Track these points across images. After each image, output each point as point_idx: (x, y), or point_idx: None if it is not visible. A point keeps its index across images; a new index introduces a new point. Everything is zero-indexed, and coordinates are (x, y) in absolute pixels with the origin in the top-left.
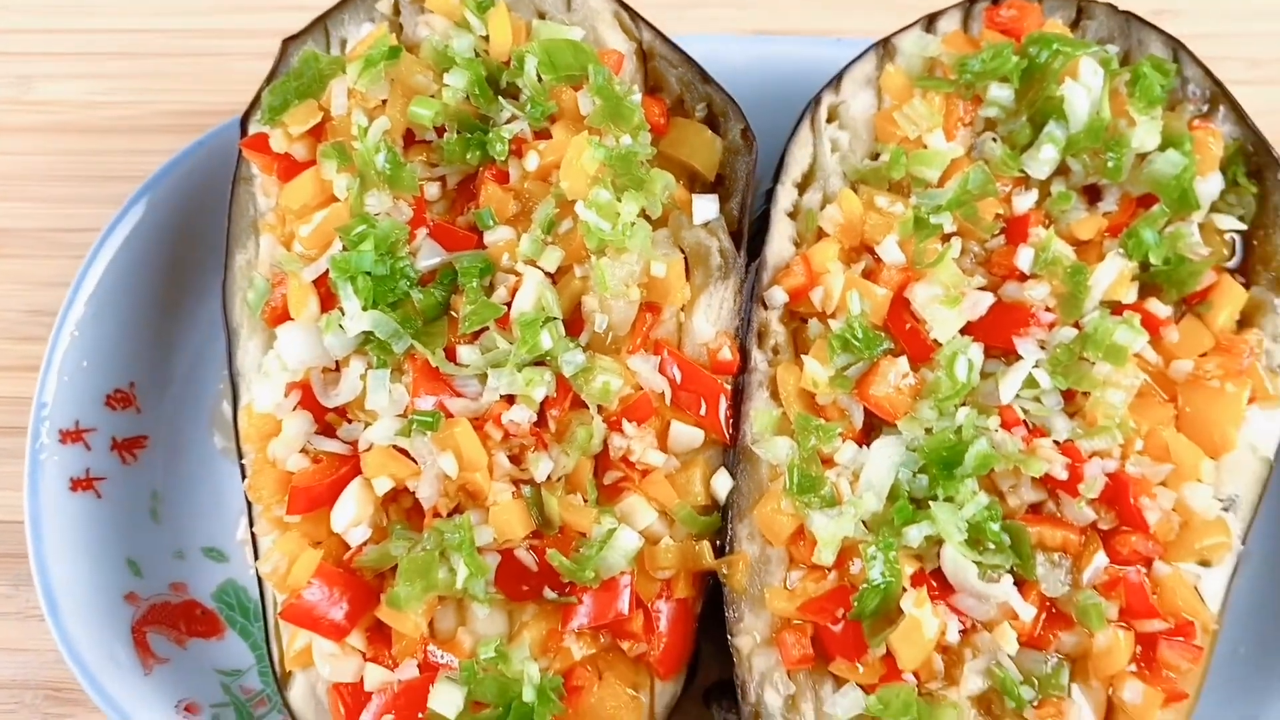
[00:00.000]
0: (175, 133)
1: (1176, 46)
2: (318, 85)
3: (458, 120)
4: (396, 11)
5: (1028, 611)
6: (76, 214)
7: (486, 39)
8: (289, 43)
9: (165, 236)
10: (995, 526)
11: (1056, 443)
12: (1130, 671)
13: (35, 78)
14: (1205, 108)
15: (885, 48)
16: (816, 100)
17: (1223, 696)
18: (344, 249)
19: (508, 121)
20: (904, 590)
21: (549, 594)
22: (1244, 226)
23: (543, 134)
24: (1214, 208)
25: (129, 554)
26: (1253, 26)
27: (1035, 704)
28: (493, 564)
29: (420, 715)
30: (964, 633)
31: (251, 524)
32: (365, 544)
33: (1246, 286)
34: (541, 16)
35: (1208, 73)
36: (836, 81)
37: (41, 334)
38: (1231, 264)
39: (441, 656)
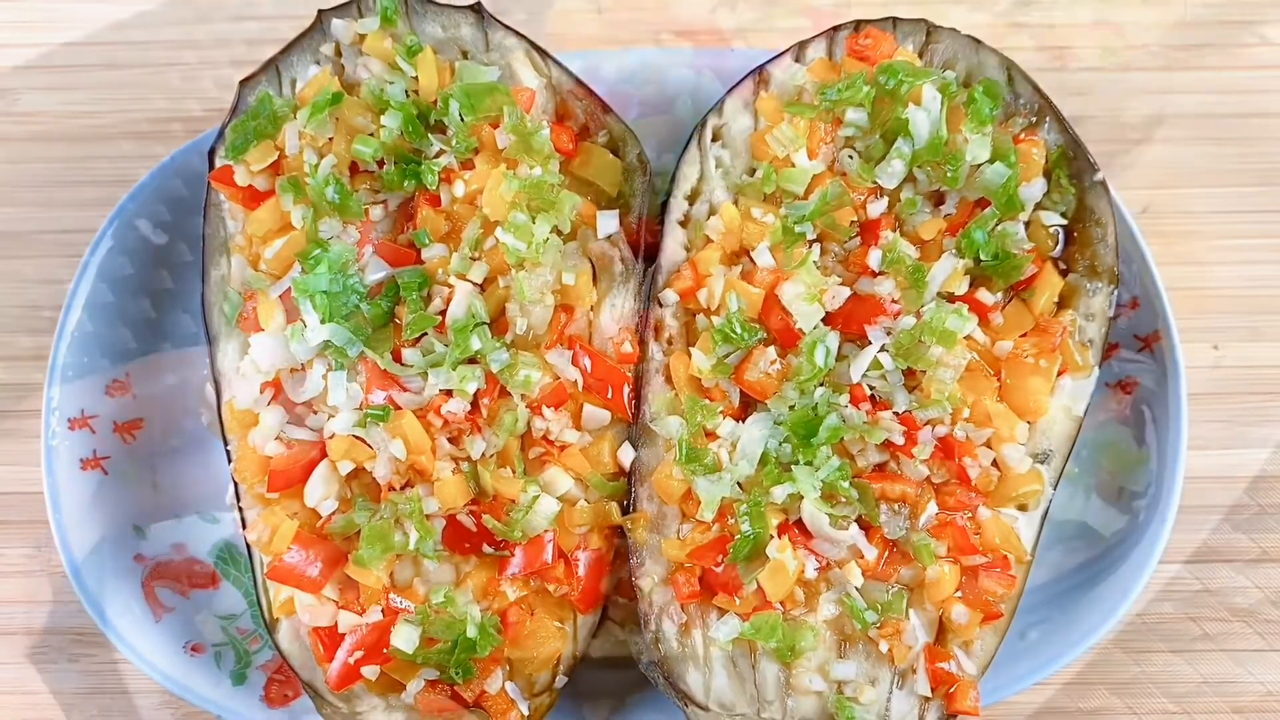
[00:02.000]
0: (150, 139)
1: (1010, 67)
2: (272, 127)
3: (395, 154)
4: (339, 54)
5: (872, 552)
6: (63, 217)
7: (417, 79)
8: (245, 83)
9: (146, 243)
10: (846, 484)
11: (896, 414)
12: (957, 597)
13: (20, 90)
14: (1034, 119)
15: (761, 75)
16: (703, 123)
17: (1052, 604)
18: (302, 271)
19: (437, 155)
20: (771, 538)
21: (487, 549)
22: (1065, 222)
23: (468, 164)
24: (1041, 205)
25: (135, 521)
26: (1107, 15)
27: (878, 625)
28: (439, 527)
29: (385, 650)
30: (820, 570)
31: (238, 499)
32: (333, 514)
33: (1066, 274)
34: (465, 55)
35: (1036, 89)
36: (720, 106)
37: (40, 326)
38: (1056, 253)
39: (400, 602)
